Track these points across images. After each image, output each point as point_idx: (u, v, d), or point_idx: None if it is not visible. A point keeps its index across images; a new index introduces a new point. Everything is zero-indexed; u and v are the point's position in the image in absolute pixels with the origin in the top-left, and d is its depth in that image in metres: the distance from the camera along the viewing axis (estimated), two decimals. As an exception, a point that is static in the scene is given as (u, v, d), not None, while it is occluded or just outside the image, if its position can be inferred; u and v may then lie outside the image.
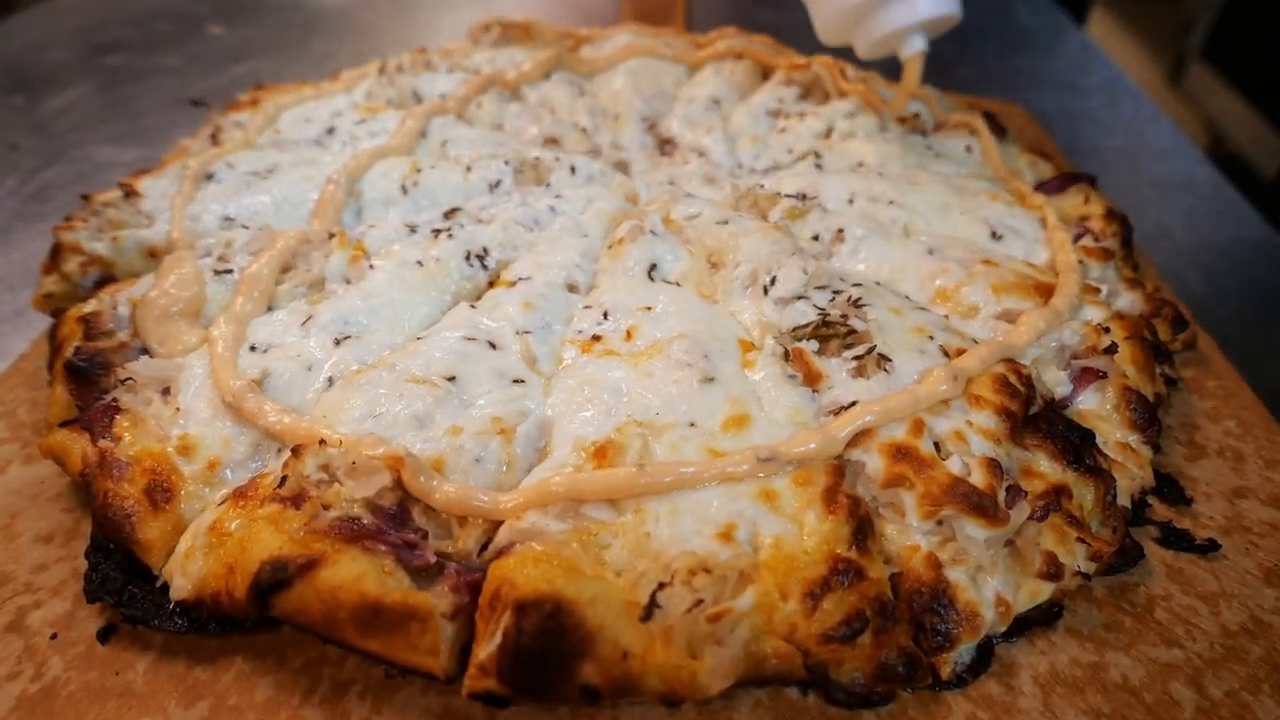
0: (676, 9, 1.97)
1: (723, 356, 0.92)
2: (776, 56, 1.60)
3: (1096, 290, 1.06)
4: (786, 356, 0.93)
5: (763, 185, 1.24)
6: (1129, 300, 1.10)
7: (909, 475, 0.79)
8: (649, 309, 0.98)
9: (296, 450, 0.80)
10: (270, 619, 0.74)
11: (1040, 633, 0.78)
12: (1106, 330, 0.98)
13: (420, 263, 1.04)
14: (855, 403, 0.85)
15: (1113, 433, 0.92)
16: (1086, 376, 0.95)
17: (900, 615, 0.74)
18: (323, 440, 0.80)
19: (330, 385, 0.90)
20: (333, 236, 1.07)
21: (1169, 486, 0.93)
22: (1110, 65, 2.14)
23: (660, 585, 0.70)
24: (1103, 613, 0.80)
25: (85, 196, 1.16)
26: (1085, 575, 0.79)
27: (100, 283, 1.09)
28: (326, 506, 0.76)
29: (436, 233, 1.10)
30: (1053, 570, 0.78)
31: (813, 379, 0.90)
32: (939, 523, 0.78)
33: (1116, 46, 4.28)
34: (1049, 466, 0.85)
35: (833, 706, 0.72)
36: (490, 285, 1.07)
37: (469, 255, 1.08)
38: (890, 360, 0.89)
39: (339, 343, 0.93)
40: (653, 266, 1.07)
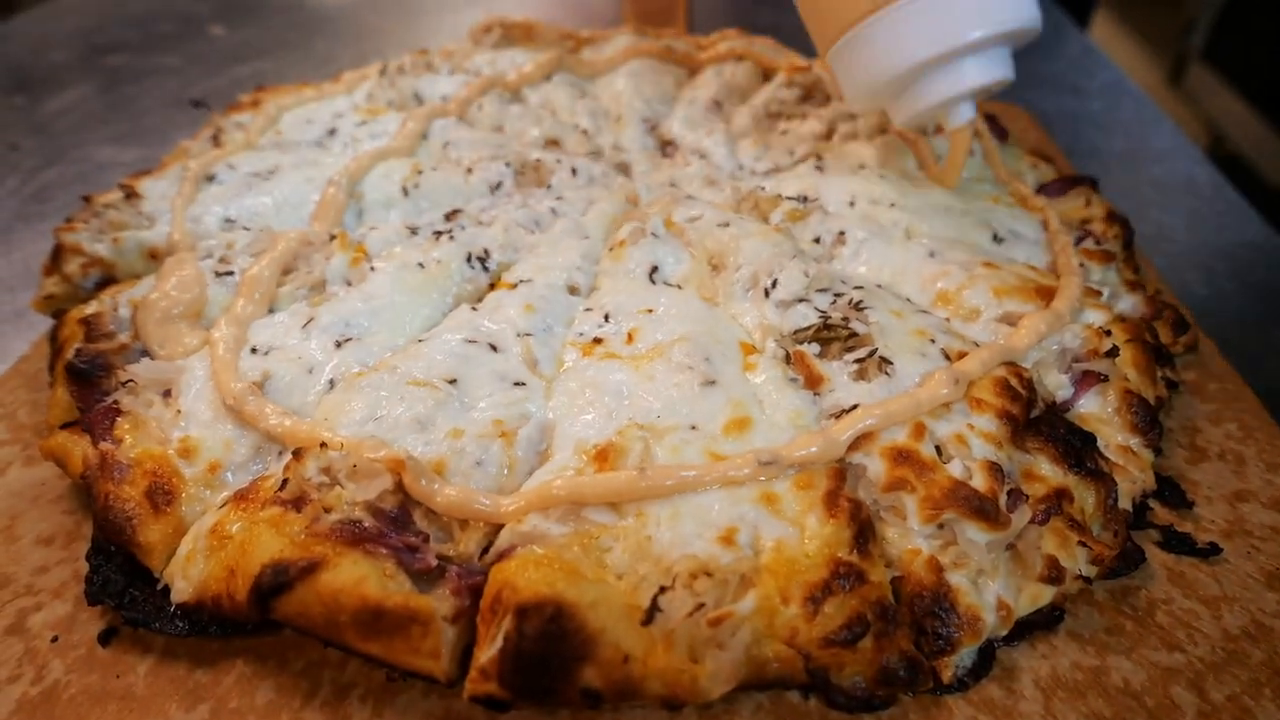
0: (678, 10, 1.97)
1: (724, 359, 0.92)
2: (778, 58, 1.60)
3: (1098, 293, 1.06)
4: (788, 359, 0.93)
5: (764, 187, 1.24)
6: (1130, 303, 1.10)
7: (910, 479, 0.79)
8: (650, 311, 0.98)
9: (298, 453, 0.80)
10: (271, 622, 0.74)
11: (1041, 636, 0.78)
12: (1108, 333, 0.98)
13: (421, 265, 1.04)
14: (856, 406, 0.85)
15: (1114, 436, 0.92)
16: (1088, 380, 0.95)
17: (901, 619, 0.74)
18: (324, 443, 0.80)
19: (331, 388, 0.90)
20: (334, 238, 1.07)
21: (1170, 490, 0.92)
22: (1111, 67, 2.14)
23: (661, 589, 0.70)
24: (1104, 616, 0.80)
25: (86, 198, 1.16)
26: (1086, 579, 0.79)
27: (101, 284, 1.09)
28: (328, 509, 0.76)
29: (438, 234, 1.10)
30: (1054, 574, 0.78)
31: (814, 382, 0.90)
32: (940, 526, 0.78)
33: (1117, 47, 4.28)
34: (1050, 470, 0.84)
35: (834, 710, 0.72)
36: (491, 287, 1.07)
37: (470, 257, 1.08)
38: (891, 363, 0.89)
39: (340, 345, 0.93)
40: (654, 269, 1.07)
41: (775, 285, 1.00)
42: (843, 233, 1.12)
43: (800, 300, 0.98)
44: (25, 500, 0.91)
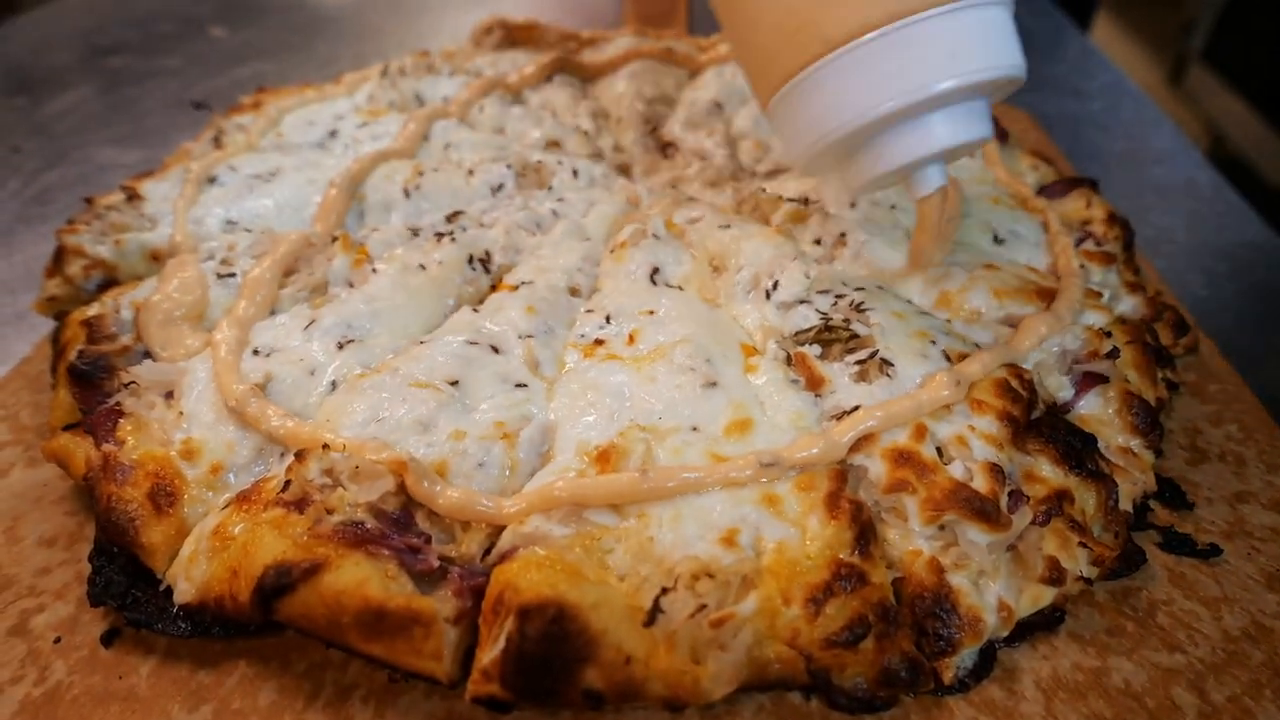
0: (679, 12, 1.97)
1: (725, 361, 0.92)
2: (778, 59, 1.60)
3: (1098, 295, 1.06)
4: (789, 361, 0.93)
5: (765, 189, 1.24)
6: (1130, 304, 1.10)
7: (911, 480, 0.79)
8: (651, 313, 0.99)
9: (300, 454, 0.80)
10: (274, 623, 0.75)
11: (1042, 637, 0.79)
12: (1108, 335, 0.98)
13: (423, 266, 1.04)
14: (858, 407, 0.85)
15: (1114, 437, 0.92)
16: (1088, 381, 0.95)
17: (903, 620, 0.74)
18: (326, 445, 0.80)
19: (333, 389, 0.90)
20: (335, 240, 1.08)
21: (1171, 491, 0.93)
22: (1112, 69, 2.14)
23: (663, 590, 0.70)
24: (1105, 617, 0.80)
25: (88, 199, 1.16)
26: (1087, 580, 0.79)
27: (103, 286, 1.09)
28: (330, 511, 0.76)
29: (439, 236, 1.10)
30: (1055, 575, 0.78)
31: (815, 383, 0.90)
32: (941, 528, 0.78)
33: (1117, 49, 4.28)
34: (1051, 471, 0.85)
35: (835, 711, 0.72)
36: (493, 289, 1.07)
37: (471, 259, 1.08)
38: (892, 365, 0.89)
39: (342, 346, 0.93)
40: (655, 270, 1.07)
41: (776, 287, 1.00)
42: (844, 234, 1.12)
43: (801, 302, 0.98)
44: (28, 501, 0.91)
